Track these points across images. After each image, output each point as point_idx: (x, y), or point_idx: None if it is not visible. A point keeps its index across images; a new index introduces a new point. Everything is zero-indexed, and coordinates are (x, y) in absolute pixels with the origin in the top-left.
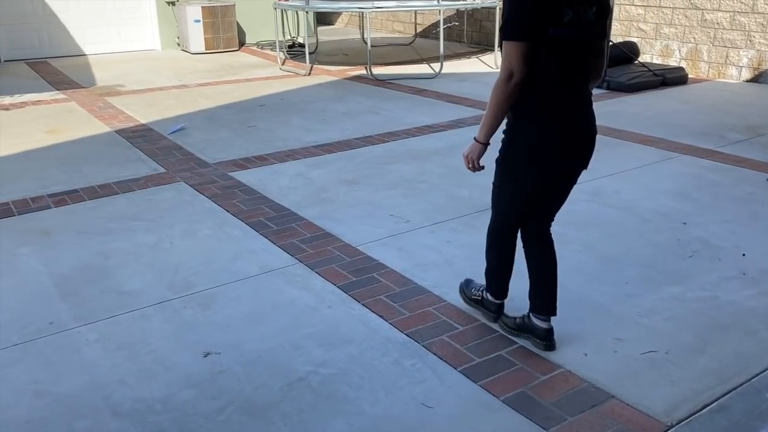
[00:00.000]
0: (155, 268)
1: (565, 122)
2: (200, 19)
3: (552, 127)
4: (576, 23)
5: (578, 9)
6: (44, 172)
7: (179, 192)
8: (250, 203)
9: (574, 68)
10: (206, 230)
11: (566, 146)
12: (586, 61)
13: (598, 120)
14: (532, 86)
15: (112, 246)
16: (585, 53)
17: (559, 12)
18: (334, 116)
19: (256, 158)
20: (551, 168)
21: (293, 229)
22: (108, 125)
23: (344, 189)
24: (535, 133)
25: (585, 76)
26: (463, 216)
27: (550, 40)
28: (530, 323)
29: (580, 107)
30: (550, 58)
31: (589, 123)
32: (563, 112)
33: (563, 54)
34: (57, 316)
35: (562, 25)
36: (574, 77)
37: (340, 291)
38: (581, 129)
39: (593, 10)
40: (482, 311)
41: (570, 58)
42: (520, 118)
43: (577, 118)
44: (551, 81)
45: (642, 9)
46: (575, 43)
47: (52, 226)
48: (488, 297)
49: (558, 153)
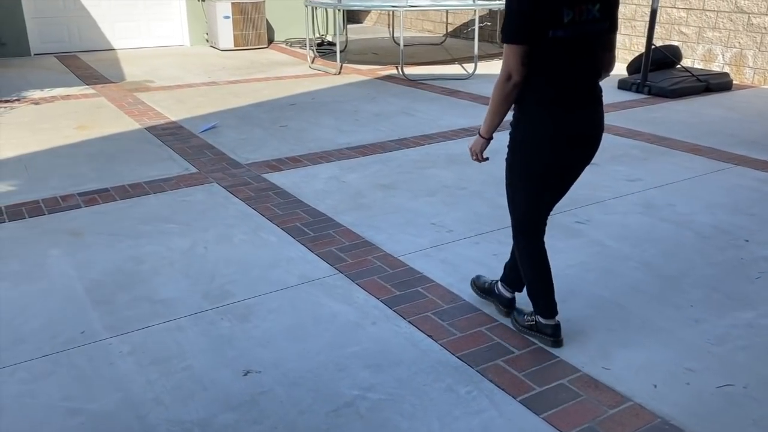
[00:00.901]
0: (190, 274)
1: (568, 120)
2: (230, 16)
3: (555, 125)
4: (577, 22)
5: (579, 8)
6: (74, 170)
7: (212, 194)
8: (285, 207)
9: (577, 66)
10: (241, 235)
11: (569, 143)
12: (591, 58)
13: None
14: (535, 85)
15: (144, 250)
16: (589, 50)
17: (558, 13)
18: (367, 117)
19: (289, 159)
20: (556, 160)
21: (331, 236)
22: (138, 122)
23: (381, 194)
24: (538, 126)
25: (590, 73)
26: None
27: (550, 42)
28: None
29: (585, 104)
30: (551, 59)
31: (593, 121)
32: (566, 110)
33: (565, 54)
34: (89, 325)
35: (562, 26)
36: (577, 75)
37: (384, 306)
38: (584, 126)
39: (597, 7)
40: (539, 337)
41: (572, 57)
42: (524, 115)
43: (580, 115)
44: (553, 80)
45: (684, 12)
46: (577, 42)
47: (82, 227)
48: (540, 320)
49: (560, 150)
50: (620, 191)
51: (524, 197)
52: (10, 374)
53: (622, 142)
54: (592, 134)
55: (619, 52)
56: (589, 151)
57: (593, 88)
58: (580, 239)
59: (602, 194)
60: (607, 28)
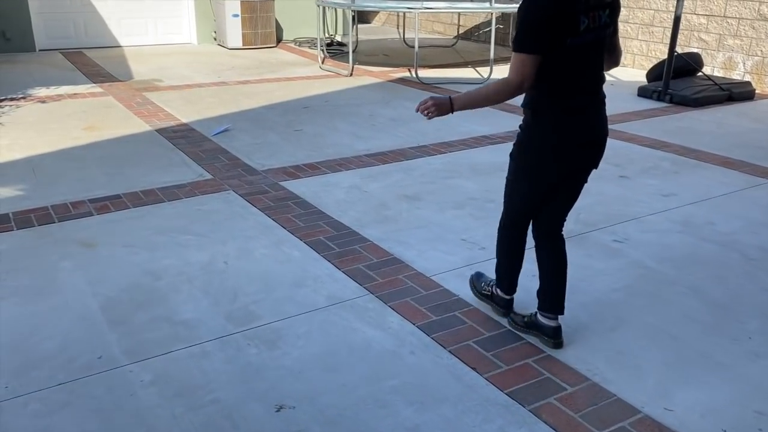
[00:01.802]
0: (211, 292)
1: (581, 124)
2: (239, 14)
3: (567, 128)
4: (592, 29)
5: (593, 14)
6: (84, 174)
7: (229, 202)
8: (306, 219)
9: (590, 70)
10: (262, 249)
11: (581, 146)
12: (598, 62)
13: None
14: (547, 91)
15: (161, 264)
16: (597, 55)
17: (575, 22)
18: (384, 122)
19: (306, 166)
20: (564, 166)
21: (357, 252)
22: (148, 123)
23: (406, 206)
24: (550, 131)
25: (598, 76)
26: None
27: (567, 49)
28: (538, 321)
29: (595, 108)
30: (567, 64)
31: (601, 124)
32: (579, 113)
33: (580, 59)
34: (106, 349)
35: (579, 34)
36: (589, 79)
37: (421, 332)
38: (594, 130)
39: (606, 13)
40: (492, 306)
41: (586, 62)
42: (537, 116)
43: (592, 119)
44: (568, 86)
45: (704, 18)
46: (591, 47)
47: (95, 237)
48: (498, 293)
49: (570, 152)
50: (655, 207)
51: (523, 197)
52: (23, 406)
53: (651, 153)
54: (599, 139)
55: (635, 57)
56: (597, 155)
57: (599, 90)
58: (620, 260)
59: (637, 210)
60: (612, 31)
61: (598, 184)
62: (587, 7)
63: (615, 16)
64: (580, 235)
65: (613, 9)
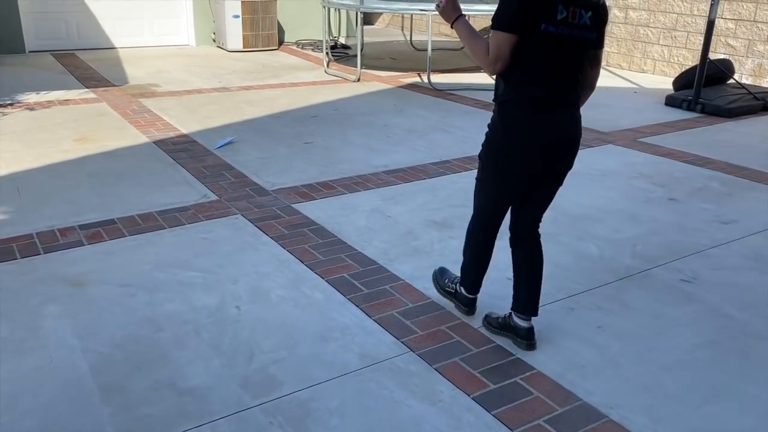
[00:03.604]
0: (222, 348)
1: (549, 122)
2: (239, 15)
3: (535, 127)
4: (569, 23)
5: (573, 9)
6: (74, 194)
7: (237, 229)
8: (326, 251)
9: (563, 68)
10: (279, 290)
11: (548, 146)
12: (575, 64)
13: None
14: (516, 83)
15: (163, 309)
16: (575, 55)
17: (553, 8)
18: (399, 133)
19: (320, 185)
20: (532, 166)
21: (389, 294)
22: (145, 134)
23: (437, 234)
24: (518, 131)
25: (572, 79)
26: (603, 285)
27: (541, 36)
28: (512, 322)
29: (566, 110)
30: (539, 54)
31: (572, 124)
32: (547, 111)
33: (553, 51)
34: (97, 429)
35: (555, 23)
36: (562, 77)
37: (478, 407)
38: (564, 131)
39: (589, 14)
40: (455, 303)
41: (559, 57)
42: (504, 114)
43: (561, 119)
44: (539, 78)
45: (732, 23)
46: (566, 41)
47: (85, 273)
48: (461, 291)
49: (540, 152)
50: (717, 237)
51: (490, 198)
52: None
53: (695, 171)
54: (569, 138)
55: (656, 63)
56: (568, 156)
57: (572, 93)
58: (694, 305)
59: (698, 241)
60: (595, 40)
61: (648, 208)
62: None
63: (600, 23)
64: (642, 272)
65: (598, 14)
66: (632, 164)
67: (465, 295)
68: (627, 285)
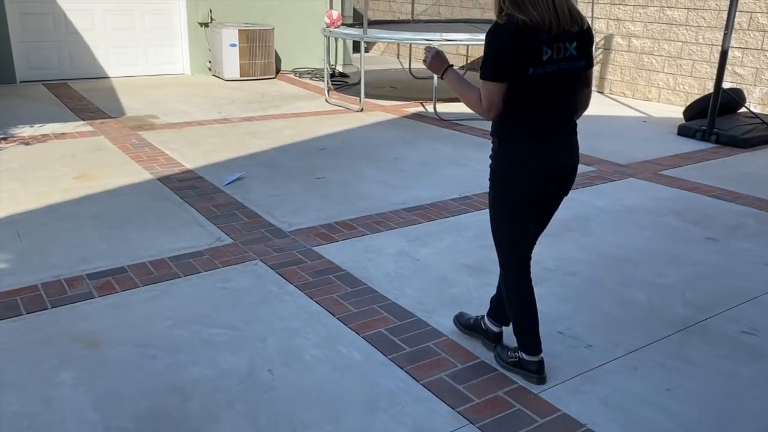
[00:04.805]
0: (260, 424)
1: (547, 150)
2: (236, 44)
3: (532, 154)
4: (555, 60)
5: (557, 46)
6: (79, 238)
7: (258, 277)
8: (356, 300)
9: (555, 101)
10: (313, 349)
11: (548, 173)
12: (568, 93)
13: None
14: (513, 118)
15: (189, 374)
16: (566, 86)
17: (538, 52)
18: (413, 167)
19: (340, 225)
20: (536, 190)
21: (434, 352)
22: (148, 170)
23: (472, 281)
24: (515, 158)
25: (567, 106)
26: (662, 339)
27: (530, 78)
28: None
29: (563, 137)
30: (531, 94)
31: (570, 153)
32: (544, 139)
33: (542, 89)
34: None
35: (541, 64)
36: (555, 108)
37: None
38: (561, 156)
39: (573, 45)
40: (524, 375)
41: (551, 92)
42: (503, 144)
43: (558, 146)
44: (533, 112)
45: (739, 51)
46: (555, 78)
47: (99, 331)
48: (524, 356)
49: (539, 176)
50: (767, 281)
51: (509, 230)
52: None
53: (726, 207)
54: (568, 164)
55: (661, 91)
56: (566, 182)
57: (569, 121)
58: (763, 362)
59: (748, 285)
60: (584, 65)
61: (686, 249)
62: (551, 39)
63: (586, 48)
64: (698, 323)
65: (582, 41)
66: (659, 199)
67: (529, 360)
68: (687, 338)
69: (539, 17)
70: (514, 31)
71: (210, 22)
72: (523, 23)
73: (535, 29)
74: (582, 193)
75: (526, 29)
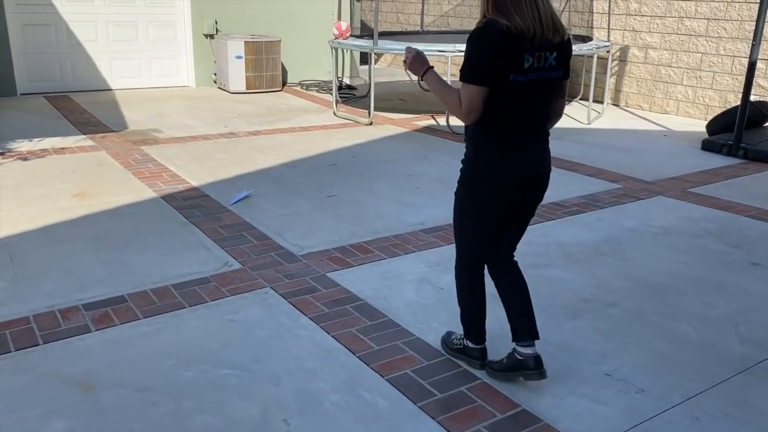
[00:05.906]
0: None
1: (520, 159)
2: (242, 56)
3: (507, 163)
4: (535, 68)
5: (539, 54)
6: (76, 262)
7: (269, 307)
8: (377, 336)
9: (533, 108)
10: (332, 394)
11: (521, 181)
12: (544, 101)
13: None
14: (490, 125)
15: (194, 424)
16: (543, 94)
17: (520, 59)
18: (428, 183)
19: (354, 248)
20: (506, 200)
21: (468, 399)
22: (151, 187)
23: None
24: (490, 167)
25: (543, 115)
26: (722, 383)
27: (509, 85)
28: (517, 357)
29: (536, 145)
30: (510, 100)
31: (543, 160)
32: (519, 149)
33: (523, 96)
34: None
35: (523, 71)
36: (532, 117)
37: None
38: (536, 166)
39: (554, 56)
40: (466, 360)
41: (529, 100)
42: (478, 151)
43: (532, 155)
44: (510, 119)
45: (762, 63)
46: (534, 85)
47: (95, 372)
48: (469, 344)
49: (512, 187)
50: None
51: (472, 234)
52: None
53: (766, 228)
54: (541, 173)
55: (680, 104)
56: (538, 191)
57: (542, 129)
58: None
59: None
60: (561, 75)
61: (732, 277)
62: (533, 47)
63: (565, 60)
64: (759, 364)
65: (563, 52)
66: (693, 219)
67: (474, 347)
68: (749, 381)
69: (523, 24)
70: (499, 36)
71: (215, 34)
72: (507, 29)
73: (519, 36)
74: (609, 213)
75: (510, 35)
